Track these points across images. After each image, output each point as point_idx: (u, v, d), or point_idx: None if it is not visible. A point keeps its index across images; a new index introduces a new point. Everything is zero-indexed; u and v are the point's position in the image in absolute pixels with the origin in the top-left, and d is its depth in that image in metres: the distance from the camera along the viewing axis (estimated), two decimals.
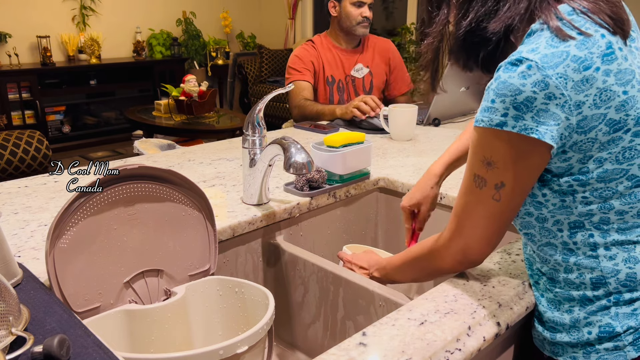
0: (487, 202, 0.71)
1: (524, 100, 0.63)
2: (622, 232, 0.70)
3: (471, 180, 0.72)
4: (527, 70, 0.63)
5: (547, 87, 0.62)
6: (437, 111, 1.91)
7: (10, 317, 0.56)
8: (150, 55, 5.42)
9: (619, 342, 0.70)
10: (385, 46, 2.29)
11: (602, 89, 0.63)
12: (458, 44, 0.75)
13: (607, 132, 0.65)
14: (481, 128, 0.68)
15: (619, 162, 0.66)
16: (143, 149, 2.46)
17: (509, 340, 0.85)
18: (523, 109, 0.63)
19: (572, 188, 0.69)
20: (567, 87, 0.62)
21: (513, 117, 0.64)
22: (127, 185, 0.78)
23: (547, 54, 0.63)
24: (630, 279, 0.70)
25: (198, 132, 3.70)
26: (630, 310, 0.70)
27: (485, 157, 0.69)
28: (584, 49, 0.63)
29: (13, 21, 4.55)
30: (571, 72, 0.62)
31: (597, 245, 0.71)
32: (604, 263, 0.71)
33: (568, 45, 0.63)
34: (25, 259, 0.85)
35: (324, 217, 1.21)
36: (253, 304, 0.82)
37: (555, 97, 0.62)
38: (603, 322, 0.71)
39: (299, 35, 5.92)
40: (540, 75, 0.62)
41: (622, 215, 0.69)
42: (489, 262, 0.88)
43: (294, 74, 2.17)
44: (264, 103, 1.03)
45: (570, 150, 0.66)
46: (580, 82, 0.62)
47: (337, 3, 2.15)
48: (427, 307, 0.74)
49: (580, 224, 0.71)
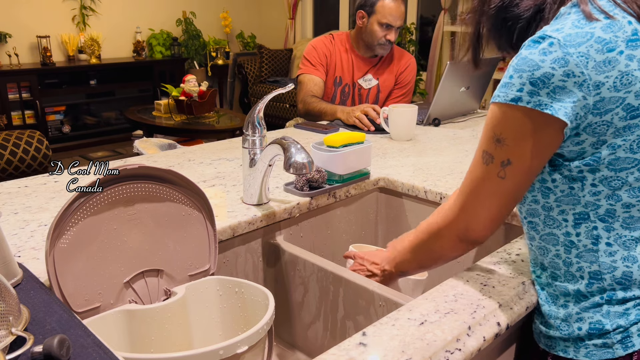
0: (491, 179, 0.72)
1: (541, 76, 0.64)
2: (626, 227, 0.70)
3: (479, 157, 0.73)
4: (549, 47, 0.64)
5: (567, 64, 0.63)
6: (437, 111, 1.91)
7: (10, 317, 0.56)
8: (150, 55, 5.42)
9: (608, 340, 0.71)
10: (402, 61, 2.22)
11: (623, 73, 0.63)
12: (491, 21, 0.76)
13: (623, 117, 0.64)
14: (496, 104, 0.68)
15: (632, 151, 0.66)
16: (143, 148, 2.46)
17: (509, 340, 0.85)
18: (539, 84, 0.64)
19: (582, 174, 0.69)
20: (588, 67, 0.62)
21: (528, 92, 0.64)
22: (127, 185, 0.78)
23: (572, 34, 0.63)
24: (625, 278, 0.71)
25: (198, 132, 3.70)
26: (622, 309, 0.71)
27: (495, 133, 0.69)
28: (609, 31, 0.63)
29: (13, 21, 4.55)
30: (594, 52, 0.62)
31: (599, 238, 0.71)
32: (602, 258, 0.71)
33: (594, 27, 0.64)
34: (25, 259, 0.85)
35: (324, 217, 1.21)
36: (253, 304, 0.82)
37: (575, 75, 0.63)
38: (594, 319, 0.72)
39: (299, 35, 5.92)
40: (561, 53, 0.63)
41: (628, 209, 0.69)
42: (489, 262, 0.88)
43: (307, 65, 2.14)
44: (264, 103, 1.03)
45: (584, 132, 0.66)
46: (602, 63, 0.63)
47: (365, 15, 2.08)
48: (427, 307, 0.74)
49: (585, 216, 0.71)
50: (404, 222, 1.31)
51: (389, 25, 2.05)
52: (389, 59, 2.21)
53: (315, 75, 2.12)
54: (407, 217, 1.30)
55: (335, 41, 2.17)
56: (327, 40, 2.17)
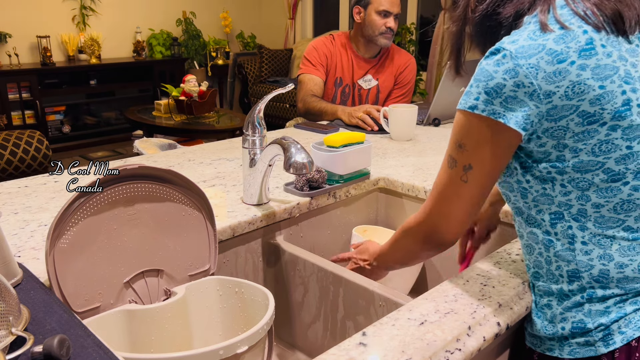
0: (455, 182, 0.75)
1: (494, 86, 0.67)
2: (599, 226, 0.71)
3: (446, 161, 0.77)
4: (502, 58, 0.67)
5: (517, 75, 0.66)
6: (437, 111, 1.91)
7: (10, 317, 0.56)
8: (150, 55, 5.42)
9: (590, 338, 0.73)
10: (402, 61, 2.21)
11: (575, 82, 0.65)
12: (476, 28, 0.79)
13: (580, 123, 0.67)
14: (458, 110, 0.73)
15: (594, 155, 0.68)
16: (143, 148, 2.46)
17: (509, 340, 0.85)
18: (493, 94, 0.68)
19: (550, 175, 0.71)
20: (538, 77, 0.65)
21: (484, 101, 0.68)
22: (127, 185, 0.78)
23: (524, 45, 0.67)
24: (602, 276, 0.72)
25: (198, 132, 3.70)
26: (603, 307, 0.72)
27: (458, 139, 0.73)
28: (561, 43, 0.66)
29: (13, 21, 4.55)
30: (544, 64, 0.65)
31: (575, 237, 0.73)
32: (579, 257, 0.73)
33: (547, 38, 0.66)
34: (25, 259, 0.85)
35: (324, 217, 1.21)
36: (253, 304, 0.82)
37: (524, 85, 0.66)
38: (576, 318, 0.74)
39: (299, 35, 5.92)
40: (512, 64, 0.66)
41: (598, 209, 0.71)
42: (489, 262, 0.88)
43: (307, 65, 2.14)
44: (264, 103, 1.03)
45: (543, 135, 0.68)
46: (552, 74, 0.65)
47: (362, 9, 2.08)
48: (427, 307, 0.74)
49: (560, 215, 0.73)
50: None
51: (387, 12, 2.05)
52: (389, 59, 2.21)
53: (316, 75, 2.12)
54: (407, 217, 1.30)
55: (335, 42, 2.17)
56: (328, 41, 2.17)
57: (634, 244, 0.71)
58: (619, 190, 0.69)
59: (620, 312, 0.71)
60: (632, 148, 0.67)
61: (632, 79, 0.67)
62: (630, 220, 0.70)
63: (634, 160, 0.68)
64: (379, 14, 2.05)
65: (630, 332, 0.70)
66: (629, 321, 0.71)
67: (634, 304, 0.71)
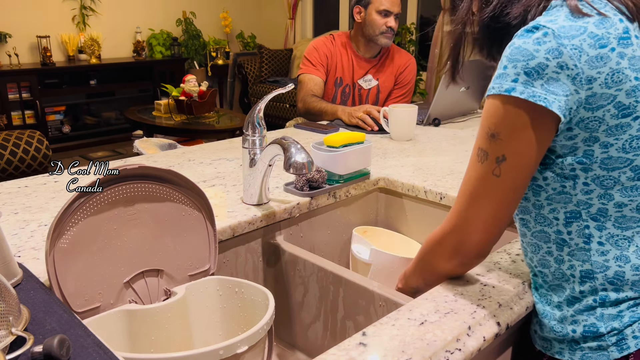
0: (486, 178, 0.69)
1: (536, 66, 0.63)
2: (618, 226, 0.70)
3: (475, 156, 0.70)
4: (543, 37, 0.63)
5: (561, 55, 0.62)
6: (437, 111, 1.91)
7: (10, 317, 0.56)
8: (150, 55, 5.42)
9: (603, 342, 0.71)
10: (402, 61, 2.21)
11: (614, 70, 0.63)
12: (482, 31, 0.75)
13: (615, 115, 0.64)
14: (491, 96, 0.67)
15: (625, 151, 0.66)
16: (143, 148, 2.46)
17: (508, 340, 0.85)
18: (534, 75, 0.63)
19: (574, 172, 0.68)
20: (581, 60, 0.62)
21: (523, 82, 0.63)
22: (127, 185, 0.78)
23: (565, 26, 0.63)
24: (617, 278, 0.70)
25: (198, 132, 3.70)
26: (616, 312, 0.71)
27: (490, 128, 0.67)
28: (602, 27, 0.63)
29: (13, 21, 4.55)
30: (587, 47, 0.62)
31: (591, 237, 0.70)
32: (595, 257, 0.71)
33: (587, 21, 0.63)
34: (25, 259, 0.85)
35: (324, 217, 1.21)
36: (253, 304, 0.82)
37: (568, 67, 0.62)
38: (588, 321, 0.72)
39: (299, 35, 5.92)
40: (555, 43, 0.62)
41: (620, 208, 0.69)
42: (489, 262, 0.88)
43: (308, 65, 2.14)
44: (264, 103, 1.03)
45: (576, 127, 0.65)
46: (594, 58, 0.62)
47: (362, 9, 2.08)
48: (427, 307, 0.74)
49: (577, 214, 0.70)
50: (404, 222, 1.31)
51: (388, 11, 2.05)
52: (389, 59, 2.21)
53: (316, 75, 2.12)
54: (407, 217, 1.30)
55: (335, 42, 2.17)
56: (328, 41, 2.17)
57: None
58: None
59: (634, 317, 0.70)
60: None
61: None
62: None
63: None
64: (379, 13, 2.05)
65: None
66: None
67: None
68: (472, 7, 0.76)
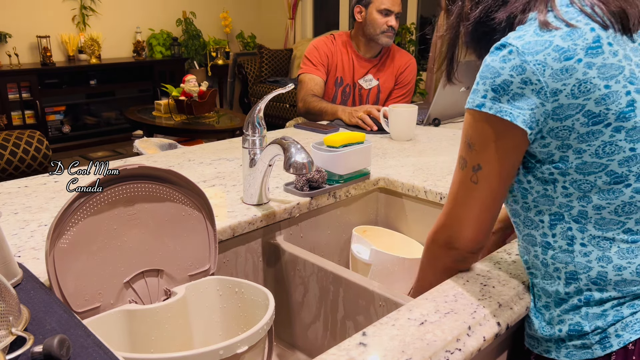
0: (466, 184, 0.74)
1: (502, 83, 0.66)
2: (599, 228, 0.71)
3: (457, 162, 0.75)
4: (508, 54, 0.66)
5: (524, 72, 0.65)
6: (437, 111, 1.91)
7: (10, 317, 0.56)
8: (150, 55, 5.42)
9: (587, 341, 0.73)
10: (403, 61, 2.21)
11: (581, 80, 0.64)
12: (470, 35, 0.78)
13: (585, 124, 0.66)
14: (467, 110, 0.71)
15: (598, 156, 0.67)
16: (143, 148, 2.46)
17: (509, 340, 0.85)
18: (500, 91, 0.66)
19: (552, 176, 0.70)
20: (545, 74, 0.64)
21: (491, 98, 0.67)
22: (127, 185, 0.78)
23: (531, 42, 0.65)
24: (600, 278, 0.72)
25: (198, 132, 3.70)
26: (600, 311, 0.72)
27: (467, 138, 0.72)
28: (568, 40, 0.65)
29: (13, 21, 4.55)
30: (551, 60, 0.64)
31: (574, 239, 0.72)
32: (578, 258, 0.72)
33: (553, 35, 0.65)
34: (25, 259, 0.85)
35: (324, 217, 1.21)
36: (253, 304, 0.82)
37: (532, 82, 0.65)
38: (574, 320, 0.74)
39: (299, 35, 5.92)
40: (519, 60, 0.65)
41: (599, 211, 0.70)
42: (489, 262, 0.88)
43: (308, 65, 2.14)
44: (264, 103, 1.03)
45: (548, 136, 0.68)
46: (559, 71, 0.64)
47: (363, 8, 2.09)
48: (427, 307, 0.74)
49: (560, 216, 0.72)
50: (404, 223, 1.31)
51: (388, 11, 2.05)
52: (389, 59, 2.21)
53: (316, 75, 2.12)
54: (407, 217, 1.30)
55: (336, 41, 2.17)
56: (329, 41, 2.17)
57: (633, 246, 0.71)
58: (621, 193, 0.69)
59: (617, 316, 0.71)
60: (635, 150, 0.67)
61: (637, 79, 0.66)
62: (631, 222, 0.70)
63: (637, 163, 0.67)
64: (380, 12, 2.06)
65: (627, 335, 0.70)
66: (626, 324, 0.70)
67: (631, 307, 0.71)
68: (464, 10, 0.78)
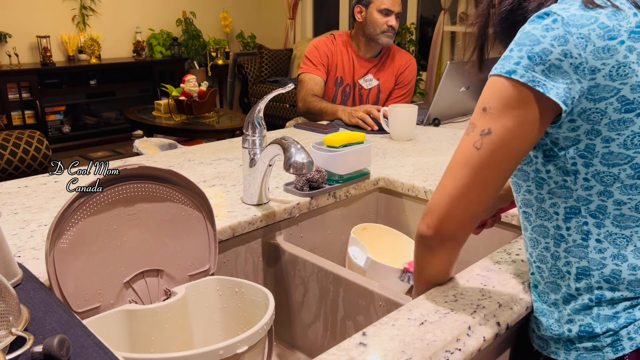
0: (466, 149, 0.68)
1: (540, 52, 0.63)
2: (617, 225, 0.69)
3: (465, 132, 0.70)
4: (552, 23, 0.63)
5: (566, 43, 0.62)
6: (437, 111, 1.91)
7: (10, 317, 0.56)
8: (150, 55, 5.42)
9: (598, 343, 0.71)
10: (403, 61, 2.21)
11: (621, 63, 0.62)
12: (501, 24, 0.75)
13: (617, 109, 0.64)
14: (492, 76, 0.67)
15: (626, 147, 0.66)
16: (143, 148, 2.46)
17: (509, 340, 0.85)
18: (537, 59, 0.63)
19: (575, 167, 0.68)
20: (586, 50, 0.62)
21: (524, 66, 0.63)
22: (127, 185, 0.78)
23: (576, 15, 0.63)
24: (613, 276, 0.70)
25: (198, 132, 3.70)
26: (612, 312, 0.71)
27: (483, 102, 0.67)
28: (613, 19, 0.63)
29: (13, 21, 4.54)
30: (595, 37, 0.62)
31: (589, 234, 0.71)
32: (592, 254, 0.71)
33: (599, 12, 0.63)
34: (25, 259, 0.85)
35: (324, 217, 1.21)
36: (253, 304, 0.82)
37: (572, 55, 0.62)
38: (584, 321, 0.72)
39: (299, 35, 5.92)
40: (562, 31, 0.62)
41: (619, 206, 0.69)
42: (489, 262, 0.88)
43: (308, 65, 2.14)
44: (264, 103, 1.03)
45: (579, 118, 0.65)
46: (601, 49, 0.62)
47: (363, 8, 2.09)
48: (427, 307, 0.74)
49: (576, 210, 0.71)
50: (404, 222, 1.31)
51: (389, 10, 2.05)
52: (390, 59, 2.21)
53: (316, 75, 2.12)
54: (407, 217, 1.30)
55: (336, 41, 2.17)
56: (329, 41, 2.17)
57: None
58: None
59: (629, 318, 0.70)
60: None
61: None
62: None
63: None
64: (380, 12, 2.06)
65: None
66: (639, 327, 0.69)
67: None
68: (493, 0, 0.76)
